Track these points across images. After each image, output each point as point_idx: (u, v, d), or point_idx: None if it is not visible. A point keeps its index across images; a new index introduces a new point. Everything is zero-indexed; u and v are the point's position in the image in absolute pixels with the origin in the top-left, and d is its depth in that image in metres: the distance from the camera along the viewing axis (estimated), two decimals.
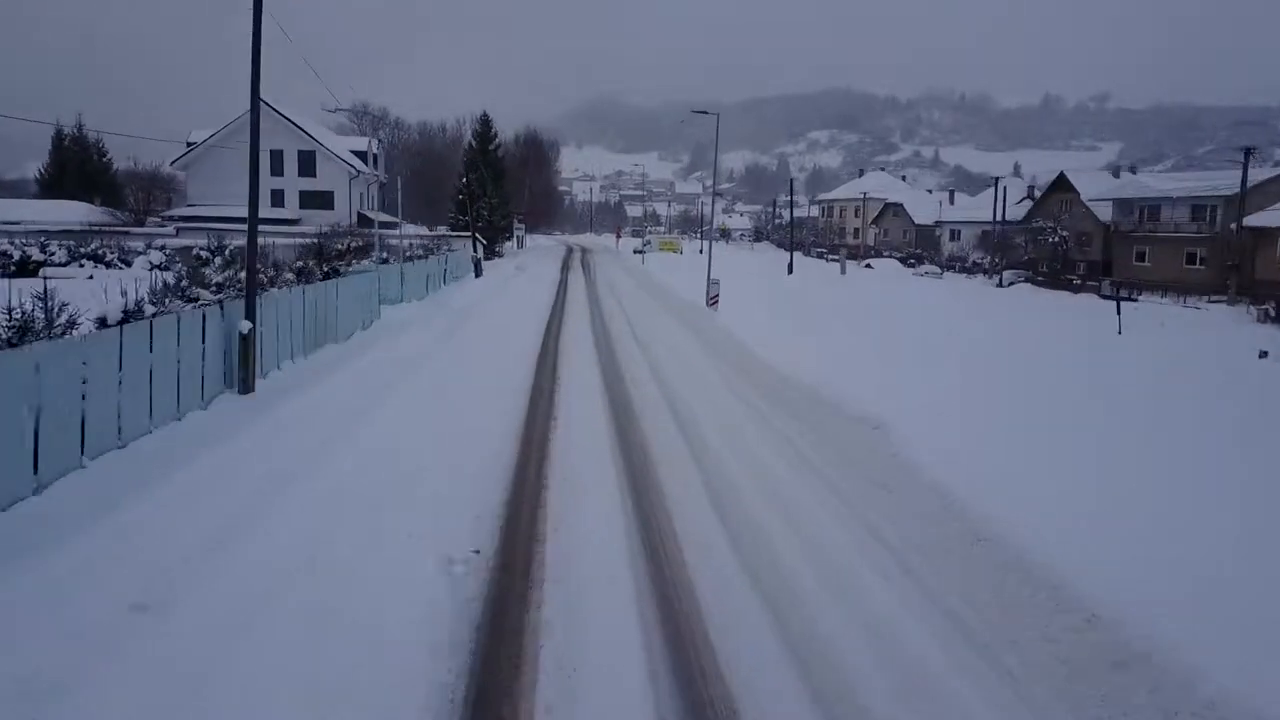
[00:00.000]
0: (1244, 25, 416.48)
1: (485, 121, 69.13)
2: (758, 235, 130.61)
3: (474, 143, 69.51)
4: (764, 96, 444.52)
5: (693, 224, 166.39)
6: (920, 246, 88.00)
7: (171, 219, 56.74)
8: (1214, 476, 10.31)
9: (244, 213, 14.96)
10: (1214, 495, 9.50)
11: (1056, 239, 64.04)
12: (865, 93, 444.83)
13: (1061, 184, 69.01)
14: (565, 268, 57.04)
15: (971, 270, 66.82)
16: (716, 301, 29.40)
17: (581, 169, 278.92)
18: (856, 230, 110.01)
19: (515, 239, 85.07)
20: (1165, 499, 9.25)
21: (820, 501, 10.45)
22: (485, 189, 61.73)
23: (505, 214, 70.30)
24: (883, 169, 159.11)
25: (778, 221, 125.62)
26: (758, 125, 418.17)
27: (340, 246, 36.97)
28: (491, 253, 61.39)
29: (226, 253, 42.72)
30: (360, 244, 40.90)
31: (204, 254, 42.88)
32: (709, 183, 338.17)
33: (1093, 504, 9.03)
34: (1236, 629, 6.43)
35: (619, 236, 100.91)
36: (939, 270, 60.44)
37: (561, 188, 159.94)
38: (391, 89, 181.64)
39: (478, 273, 44.48)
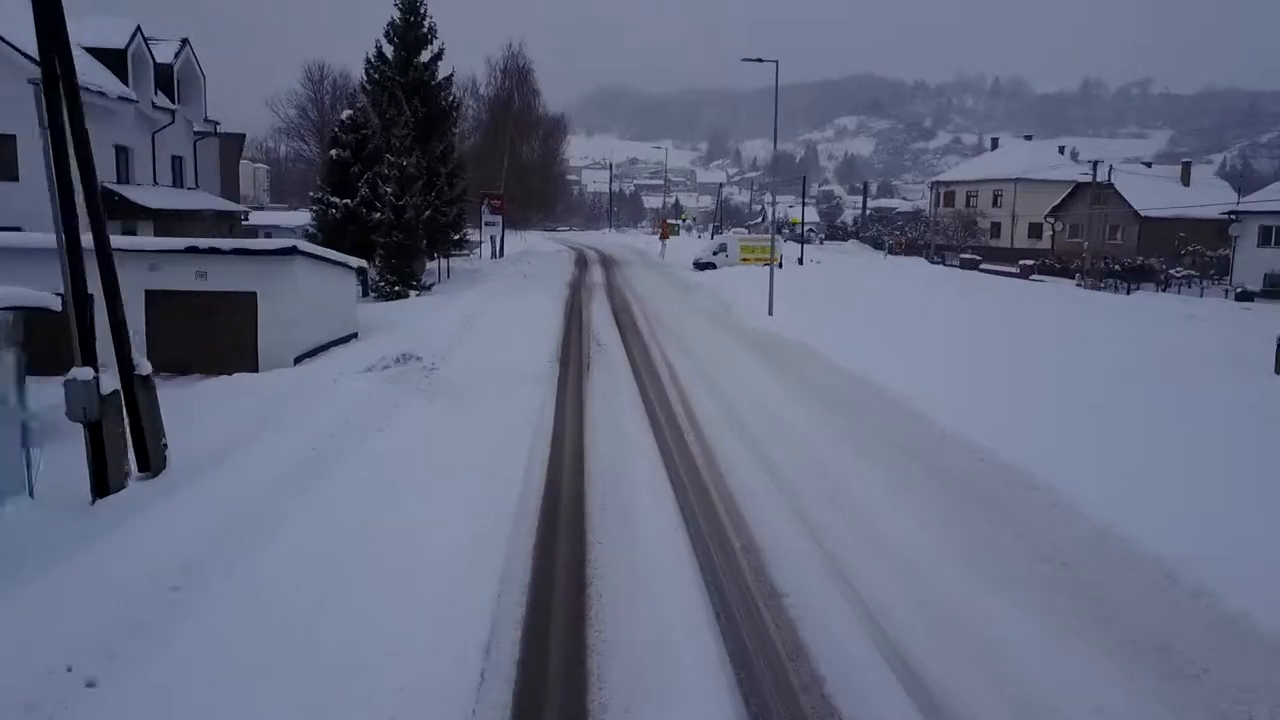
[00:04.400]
0: None
1: (410, 8, 33.37)
2: (831, 232, 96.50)
3: (385, 45, 33.98)
4: (783, 83, 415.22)
5: (730, 217, 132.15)
6: (1148, 252, 54.08)
7: None
8: None
9: None
10: None
11: None
12: (891, 78, 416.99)
13: None
14: (569, 356, 21.52)
15: None
16: None
17: (591, 157, 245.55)
18: (995, 225, 76.01)
19: (491, 244, 51.47)
20: None
21: None
22: (390, 141, 27.48)
23: (458, 197, 36.28)
24: (924, 155, 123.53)
25: (866, 214, 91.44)
26: (780, 112, 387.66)
27: None
28: (404, 284, 27.41)
29: None
30: None
31: None
32: (732, 170, 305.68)
33: None
34: None
35: (665, 236, 62.31)
36: None
37: (570, 176, 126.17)
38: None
39: (102, 489, 8.88)
